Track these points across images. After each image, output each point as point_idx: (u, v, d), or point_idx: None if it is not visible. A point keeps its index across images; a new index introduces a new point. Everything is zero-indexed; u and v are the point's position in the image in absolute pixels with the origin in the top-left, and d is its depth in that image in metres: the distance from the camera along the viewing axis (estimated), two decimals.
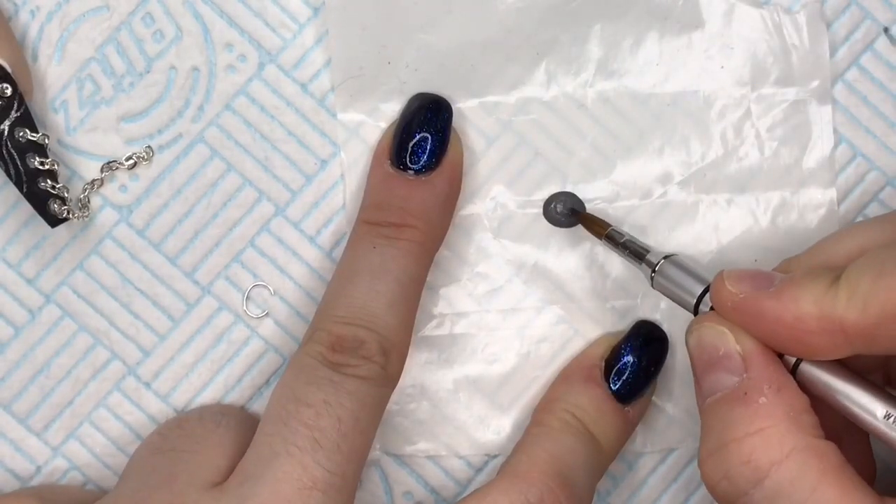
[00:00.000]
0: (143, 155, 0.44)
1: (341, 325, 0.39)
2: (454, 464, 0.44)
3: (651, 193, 0.44)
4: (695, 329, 0.38)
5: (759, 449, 0.35)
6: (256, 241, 0.44)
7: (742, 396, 0.36)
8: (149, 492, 0.38)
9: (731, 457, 0.35)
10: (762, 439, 0.35)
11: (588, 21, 0.44)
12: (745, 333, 0.37)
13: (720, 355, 0.37)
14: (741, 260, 0.44)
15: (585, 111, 0.44)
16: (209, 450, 0.40)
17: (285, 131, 0.44)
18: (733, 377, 0.36)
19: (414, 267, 0.41)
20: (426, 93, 0.43)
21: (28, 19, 0.43)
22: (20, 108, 0.41)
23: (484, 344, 0.44)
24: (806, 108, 0.44)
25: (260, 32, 0.44)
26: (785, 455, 0.35)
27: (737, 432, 0.35)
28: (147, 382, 0.44)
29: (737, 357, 0.36)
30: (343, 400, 0.38)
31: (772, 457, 0.35)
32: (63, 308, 0.44)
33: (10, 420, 0.44)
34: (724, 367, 0.37)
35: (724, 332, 0.37)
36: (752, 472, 0.35)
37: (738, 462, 0.35)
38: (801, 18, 0.44)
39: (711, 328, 0.37)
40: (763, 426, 0.35)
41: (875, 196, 0.44)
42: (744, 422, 0.35)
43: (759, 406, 0.35)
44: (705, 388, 0.37)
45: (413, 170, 0.42)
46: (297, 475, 0.37)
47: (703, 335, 0.37)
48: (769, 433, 0.35)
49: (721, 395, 0.36)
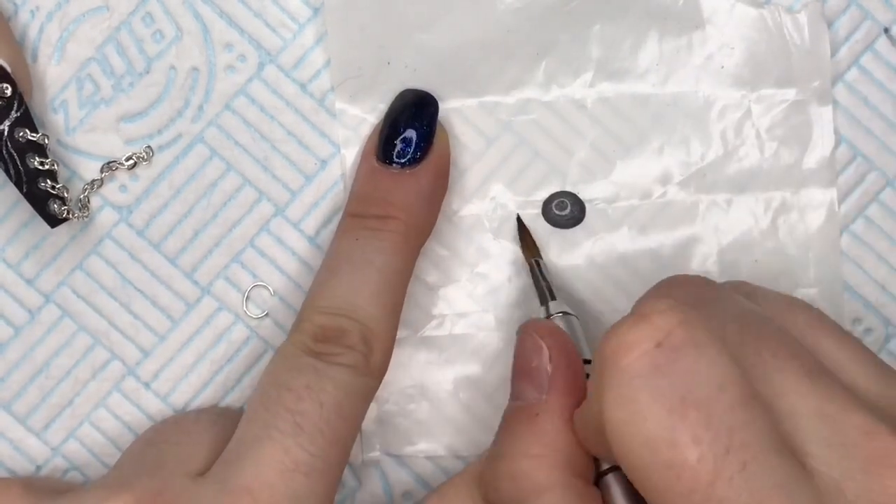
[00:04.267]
0: (142, 155, 0.44)
1: (324, 315, 0.40)
2: (454, 464, 0.44)
3: (651, 194, 0.44)
4: (522, 332, 0.38)
5: (530, 472, 0.35)
6: (256, 241, 0.44)
7: (533, 416, 0.36)
8: (134, 478, 0.38)
9: (503, 470, 0.35)
10: (534, 464, 0.35)
11: (588, 21, 0.44)
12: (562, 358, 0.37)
13: (532, 366, 0.37)
14: (741, 260, 0.44)
15: (585, 111, 0.44)
16: (199, 442, 0.40)
17: (285, 131, 0.44)
18: (535, 393, 0.36)
19: (397, 259, 0.41)
20: (412, 89, 0.43)
21: (28, 19, 0.43)
22: (20, 109, 0.41)
23: (484, 344, 0.44)
24: (806, 109, 0.44)
25: (260, 32, 0.44)
26: (549, 487, 0.34)
27: (516, 449, 0.35)
28: (147, 382, 0.44)
29: (544, 376, 0.36)
30: (325, 385, 0.38)
31: (537, 483, 0.34)
32: (63, 308, 0.44)
33: (9, 420, 0.44)
34: (530, 380, 0.36)
35: (542, 348, 0.37)
36: (517, 491, 0.35)
37: (507, 477, 0.35)
38: (802, 18, 0.44)
39: (532, 339, 0.37)
40: (540, 453, 0.35)
41: (875, 196, 0.44)
42: (525, 442, 0.35)
43: (542, 433, 0.35)
44: (512, 392, 0.37)
45: (398, 164, 0.42)
46: (279, 458, 0.37)
47: (524, 342, 0.37)
48: (542, 462, 0.35)
49: (519, 406, 0.36)
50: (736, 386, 0.30)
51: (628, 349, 0.30)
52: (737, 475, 0.29)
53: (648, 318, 0.31)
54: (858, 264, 0.44)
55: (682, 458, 0.29)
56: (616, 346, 0.31)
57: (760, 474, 0.29)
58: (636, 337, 0.30)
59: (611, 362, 0.31)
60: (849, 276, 0.44)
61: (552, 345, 0.37)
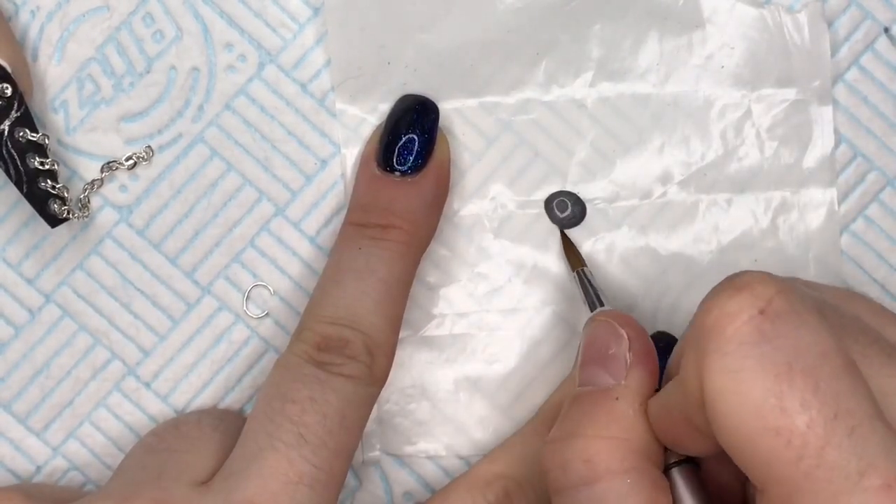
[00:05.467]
0: (142, 155, 0.44)
1: (327, 325, 0.40)
2: (454, 464, 0.44)
3: (651, 193, 0.44)
4: (597, 320, 0.38)
5: (603, 454, 0.35)
6: (256, 241, 0.44)
7: (612, 400, 0.36)
8: (135, 488, 0.38)
9: (575, 450, 0.35)
10: (610, 446, 0.35)
11: (588, 21, 0.44)
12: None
13: (608, 353, 0.37)
14: (741, 260, 0.44)
15: (585, 111, 0.44)
16: (202, 450, 0.40)
17: (285, 131, 0.44)
18: (610, 379, 0.36)
19: (399, 267, 0.41)
20: (412, 94, 0.43)
21: (28, 19, 0.43)
22: (20, 108, 0.41)
23: (484, 344, 0.44)
24: (806, 108, 0.44)
25: (260, 32, 0.44)
26: (623, 470, 0.34)
27: (590, 430, 0.35)
28: (147, 382, 0.44)
29: (623, 363, 0.36)
30: (329, 396, 0.38)
31: (611, 466, 0.34)
32: (63, 308, 0.44)
33: (10, 420, 0.44)
34: (606, 366, 0.36)
35: (622, 337, 0.37)
36: (588, 471, 0.34)
37: (578, 457, 0.35)
38: (802, 18, 0.44)
39: (612, 327, 0.37)
40: (617, 435, 0.35)
41: (875, 196, 0.44)
42: (602, 423, 0.35)
43: (621, 416, 0.35)
44: (583, 377, 0.37)
45: (399, 171, 0.42)
46: (283, 470, 0.37)
47: (600, 330, 0.37)
48: (619, 444, 0.35)
49: (591, 390, 0.36)
50: (837, 354, 0.30)
51: (732, 318, 0.30)
52: (846, 440, 0.29)
53: (749, 287, 0.31)
54: (858, 264, 0.44)
55: (791, 424, 0.29)
56: (718, 316, 0.31)
57: (868, 439, 0.29)
58: (738, 306, 0.31)
59: (714, 331, 0.31)
60: (849, 276, 0.44)
61: (633, 334, 0.37)
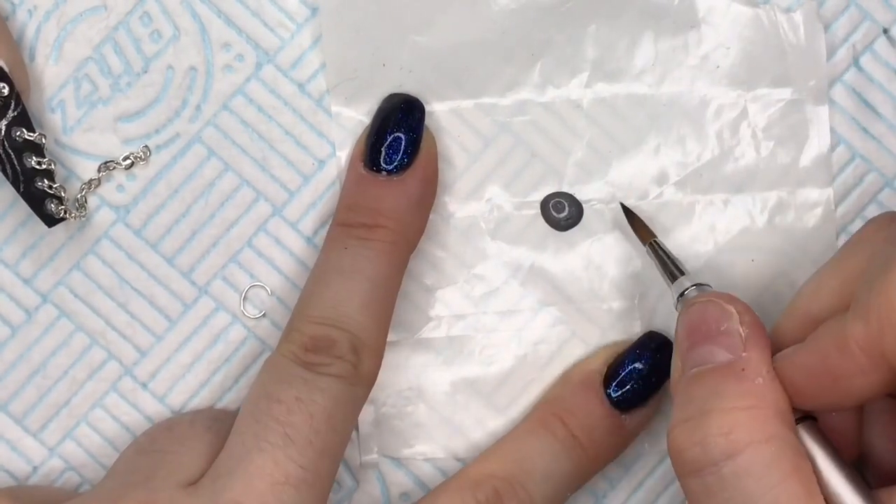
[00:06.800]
0: (140, 155, 0.44)
1: (314, 325, 0.40)
2: (452, 466, 0.44)
3: (647, 194, 0.44)
4: (698, 302, 0.38)
5: (743, 425, 0.35)
6: (254, 241, 0.44)
7: (738, 372, 0.36)
8: (124, 490, 0.38)
9: (712, 425, 0.35)
10: (749, 416, 0.35)
11: (583, 22, 0.44)
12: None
13: (720, 330, 0.37)
14: (738, 260, 0.44)
15: (581, 112, 0.44)
16: (193, 451, 0.40)
17: (283, 131, 0.44)
18: (727, 354, 0.36)
19: (386, 267, 0.41)
20: (398, 93, 0.43)
21: (25, 18, 0.43)
22: (17, 108, 0.41)
23: (481, 346, 0.44)
24: (802, 108, 0.44)
25: (257, 32, 0.44)
26: (765, 439, 0.34)
27: (724, 403, 0.35)
28: (144, 383, 0.44)
29: (738, 337, 0.37)
30: (315, 397, 0.38)
31: (753, 436, 0.35)
32: (60, 308, 0.44)
33: (6, 420, 0.44)
34: (720, 343, 0.37)
35: (732, 313, 0.37)
36: (729, 444, 0.35)
37: (717, 432, 0.35)
38: (798, 18, 0.44)
39: (718, 305, 0.38)
40: (753, 404, 0.35)
41: (874, 197, 0.44)
42: (734, 395, 0.35)
43: (753, 385, 0.36)
44: (694, 358, 0.37)
45: (386, 170, 0.42)
46: (269, 470, 0.37)
47: (708, 309, 0.38)
48: (756, 413, 0.35)
49: (711, 367, 0.36)
50: None
51: None
52: None
53: None
54: None
55: None
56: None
57: None
58: None
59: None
60: None
61: (740, 308, 0.37)
